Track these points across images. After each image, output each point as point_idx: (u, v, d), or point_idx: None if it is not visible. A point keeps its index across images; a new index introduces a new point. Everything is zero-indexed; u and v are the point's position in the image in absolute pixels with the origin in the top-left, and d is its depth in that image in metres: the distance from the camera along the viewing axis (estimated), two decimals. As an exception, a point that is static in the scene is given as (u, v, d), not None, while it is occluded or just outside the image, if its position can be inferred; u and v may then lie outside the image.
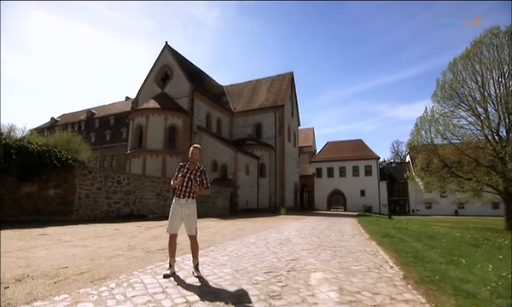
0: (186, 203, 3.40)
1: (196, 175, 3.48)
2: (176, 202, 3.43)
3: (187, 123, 24.30)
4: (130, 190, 12.41)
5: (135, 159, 22.61)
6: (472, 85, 14.12)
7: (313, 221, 15.76)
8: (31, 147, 8.50)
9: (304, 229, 10.53)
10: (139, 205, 12.81)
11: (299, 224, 12.93)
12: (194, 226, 3.45)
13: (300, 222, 14.70)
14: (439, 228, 12.26)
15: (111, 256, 4.42)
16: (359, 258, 4.97)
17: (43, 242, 5.25)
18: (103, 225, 8.93)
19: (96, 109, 43.91)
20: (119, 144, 34.28)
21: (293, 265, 4.30)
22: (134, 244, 5.76)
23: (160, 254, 4.77)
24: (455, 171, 14.10)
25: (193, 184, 3.45)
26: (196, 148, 3.53)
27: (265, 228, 10.45)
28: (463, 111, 14.55)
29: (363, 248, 6.19)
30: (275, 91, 32.82)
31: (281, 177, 29.30)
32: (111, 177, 11.53)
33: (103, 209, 10.87)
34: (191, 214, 3.42)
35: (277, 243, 6.79)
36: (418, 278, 3.43)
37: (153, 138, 22.68)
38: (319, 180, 42.65)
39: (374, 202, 38.02)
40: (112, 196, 11.38)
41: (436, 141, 15.21)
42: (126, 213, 12.02)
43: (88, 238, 6.18)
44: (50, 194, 9.30)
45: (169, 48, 27.79)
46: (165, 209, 14.31)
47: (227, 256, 4.94)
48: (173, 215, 3.41)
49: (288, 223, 14.08)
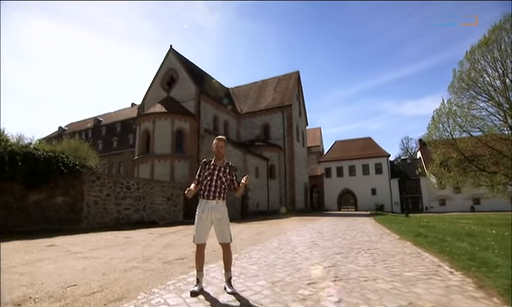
0: (217, 205, 2.85)
1: (225, 172, 2.92)
2: (203, 205, 2.86)
3: (194, 126, 23.92)
4: (140, 196, 11.95)
5: (143, 165, 22.25)
6: (492, 74, 13.36)
7: (329, 222, 15.29)
8: (37, 153, 8.07)
9: (324, 231, 10.08)
10: (149, 211, 12.33)
11: (317, 226, 12.45)
12: (227, 232, 2.89)
13: (316, 223, 14.19)
14: (464, 225, 11.50)
15: (125, 269, 3.86)
16: (405, 262, 4.35)
17: (50, 254, 4.73)
18: (114, 233, 8.43)
19: (102, 117, 43.92)
20: (126, 150, 34.05)
21: (335, 273, 3.71)
22: (149, 254, 5.22)
23: (180, 265, 4.20)
24: (478, 165, 13.31)
25: (223, 183, 2.89)
26: (221, 140, 2.95)
27: (283, 231, 9.94)
28: (483, 101, 13.80)
29: (400, 249, 5.58)
30: (281, 91, 32.34)
31: (291, 178, 28.67)
32: (120, 183, 11.08)
33: (113, 216, 10.41)
34: (223, 218, 2.86)
35: (304, 247, 6.21)
36: (501, 289, 2.79)
37: (160, 143, 22.31)
38: (329, 180, 41.84)
39: (385, 200, 37.03)
40: (121, 202, 10.92)
41: (455, 135, 14.44)
42: (137, 220, 11.54)
43: (99, 248, 5.66)
44: (59, 202, 8.86)
45: (174, 51, 27.52)
46: (176, 215, 13.89)
47: (256, 264, 4.35)
48: (201, 221, 2.84)
49: (305, 224, 13.62)
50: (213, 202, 2.82)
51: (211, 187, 2.84)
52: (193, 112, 24.38)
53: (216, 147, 2.93)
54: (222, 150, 2.92)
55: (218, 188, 2.84)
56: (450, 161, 14.67)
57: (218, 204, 2.83)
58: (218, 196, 2.83)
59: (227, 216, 2.90)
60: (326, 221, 16.00)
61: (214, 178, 2.85)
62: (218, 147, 2.91)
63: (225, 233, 2.87)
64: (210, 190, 2.84)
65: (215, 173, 2.87)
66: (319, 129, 56.65)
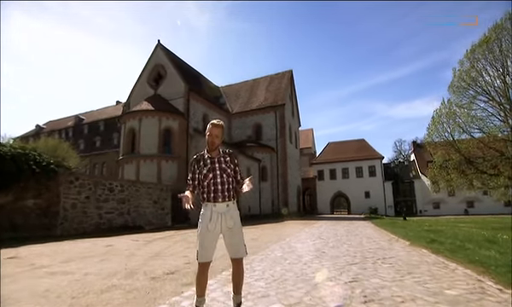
0: (228, 209, 2.22)
1: (227, 161, 2.29)
2: (209, 210, 2.22)
3: (183, 125, 23.17)
4: (125, 198, 11.15)
5: (127, 166, 21.30)
6: (493, 73, 13.27)
7: (326, 226, 15.00)
8: (3, 149, 7.15)
9: (325, 236, 9.68)
10: (134, 214, 11.52)
11: (315, 230, 12.08)
12: (241, 243, 2.26)
13: (313, 227, 13.85)
14: (468, 229, 11.28)
15: (102, 289, 3.15)
16: (435, 275, 3.83)
17: (9, 270, 3.94)
18: (93, 240, 7.61)
19: (84, 115, 42.24)
20: (109, 151, 32.74)
21: (361, 291, 3.13)
22: (133, 266, 4.50)
23: (171, 282, 3.52)
24: (479, 167, 13.15)
25: (230, 176, 2.27)
26: (218, 127, 2.30)
27: (281, 237, 9.41)
28: (483, 102, 13.71)
29: (420, 258, 5.09)
30: (274, 90, 31.98)
31: (283, 181, 28.19)
32: (102, 184, 10.24)
33: (93, 221, 9.55)
34: (236, 226, 2.24)
35: (312, 256, 5.64)
36: None
37: (146, 142, 21.44)
38: (321, 182, 41.64)
39: (379, 204, 37.09)
40: (103, 206, 10.08)
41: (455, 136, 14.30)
42: (120, 225, 10.74)
43: (72, 260, 4.88)
44: (29, 205, 7.95)
45: (161, 46, 26.66)
46: (163, 219, 13.19)
47: (262, 279, 3.72)
48: (207, 232, 2.20)
49: (302, 228, 13.24)
50: (223, 205, 2.21)
51: (217, 185, 2.22)
52: (181, 111, 23.66)
53: (209, 136, 2.30)
54: (217, 140, 2.29)
55: (227, 185, 2.23)
56: (449, 163, 14.50)
57: (230, 207, 2.22)
58: (228, 196, 2.22)
59: (240, 221, 2.28)
60: (322, 225, 15.76)
61: (218, 173, 2.23)
62: (212, 136, 2.28)
63: (239, 245, 2.25)
64: (217, 190, 2.21)
65: (217, 166, 2.25)
66: (311, 130, 56.66)
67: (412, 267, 4.39)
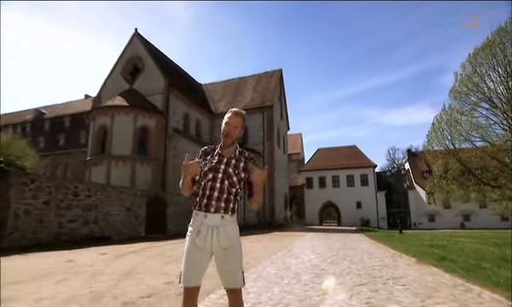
0: (222, 223, 1.86)
1: (238, 166, 1.95)
2: (199, 222, 1.88)
3: (161, 124, 22.57)
4: (91, 204, 10.46)
5: (96, 168, 20.41)
6: (496, 79, 13.60)
7: (318, 238, 14.96)
8: None
9: (320, 250, 9.56)
10: (103, 223, 10.85)
11: (307, 244, 11.95)
12: (239, 269, 1.88)
13: (304, 240, 13.76)
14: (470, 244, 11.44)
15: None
16: (462, 301, 3.58)
17: None
18: (50, 254, 6.92)
19: (46, 109, 40.14)
20: (75, 150, 31.23)
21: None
22: (100, 287, 3.97)
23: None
24: (481, 178, 13.38)
25: (234, 184, 1.91)
26: (238, 115, 2.01)
27: (272, 251, 9.15)
28: (485, 109, 14.03)
29: (434, 279, 4.88)
30: (262, 90, 31.84)
31: (270, 188, 27.89)
32: (64, 188, 9.51)
33: (52, 230, 8.81)
34: (232, 246, 1.87)
35: (311, 275, 5.34)
36: None
37: (119, 142, 20.64)
38: (310, 191, 41.72)
39: (371, 215, 37.55)
40: (65, 213, 9.35)
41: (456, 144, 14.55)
42: (85, 235, 10.05)
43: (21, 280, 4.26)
44: (-29, 212, 7.12)
45: (139, 36, 25.91)
46: (136, 228, 12.60)
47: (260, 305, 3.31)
48: (194, 249, 1.85)
49: (292, 241, 13.17)
50: (216, 217, 1.85)
51: (214, 190, 1.86)
52: (160, 108, 23.07)
53: (226, 126, 1.97)
54: (235, 132, 1.96)
55: (226, 193, 1.88)
56: (449, 173, 14.71)
57: (225, 220, 1.86)
58: (224, 207, 1.86)
59: (239, 241, 1.92)
60: (314, 237, 15.72)
61: (219, 176, 1.89)
62: (229, 126, 1.96)
63: (235, 272, 1.87)
64: (211, 196, 1.86)
65: (221, 168, 1.91)
66: (300, 135, 56.94)
67: (431, 290, 4.13)
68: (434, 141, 15.15)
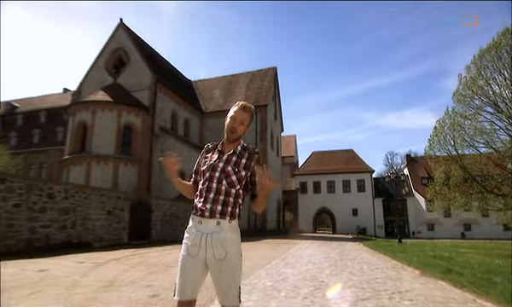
0: (218, 230, 1.74)
1: (240, 163, 1.83)
2: (193, 228, 1.78)
3: (147, 122, 22.45)
4: (69, 208, 10.16)
5: (75, 168, 20.12)
6: (501, 82, 13.81)
7: (313, 247, 15.06)
8: None
9: (317, 260, 9.57)
10: (81, 228, 10.55)
11: (303, 253, 11.99)
12: (233, 286, 1.74)
13: (298, 249, 13.77)
14: (473, 255, 11.54)
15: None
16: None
17: None
18: (20, 263, 6.60)
19: (19, 102, 39.08)
20: (51, 148, 30.52)
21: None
22: (77, 302, 3.75)
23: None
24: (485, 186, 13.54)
25: (234, 184, 1.80)
26: (246, 109, 1.90)
27: (266, 260, 9.06)
28: (490, 113, 14.24)
29: (443, 294, 4.80)
30: (255, 89, 31.97)
31: (263, 193, 27.81)
32: (38, 189, 9.18)
33: (23, 236, 8.47)
34: (230, 258, 1.72)
35: (310, 287, 5.23)
36: None
37: (101, 140, 20.42)
38: (303, 196, 41.77)
39: (368, 223, 37.81)
40: (38, 217, 9.02)
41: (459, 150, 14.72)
42: (61, 241, 9.76)
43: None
44: None
45: (124, 27, 25.62)
46: (118, 234, 12.35)
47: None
48: (188, 258, 1.74)
49: (287, 249, 13.10)
50: (211, 223, 1.73)
51: (209, 191, 1.77)
52: (146, 105, 22.98)
53: (232, 120, 1.87)
54: (241, 128, 1.87)
55: (223, 195, 1.76)
56: (451, 180, 14.85)
57: (222, 227, 1.74)
58: (221, 211, 1.75)
59: (238, 252, 1.77)
60: (309, 245, 15.76)
61: (217, 175, 1.79)
62: (235, 121, 1.86)
63: (230, 287, 1.73)
64: (207, 198, 1.76)
65: (219, 166, 1.80)
66: (294, 137, 57.08)
67: (440, 306, 4.03)
68: (436, 146, 15.30)
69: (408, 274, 6.91)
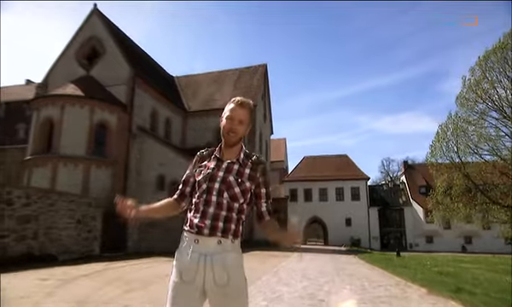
0: (219, 250, 1.62)
1: (243, 173, 1.72)
2: (188, 248, 1.65)
3: (124, 120, 22.01)
4: (31, 215, 9.81)
5: (39, 169, 19.48)
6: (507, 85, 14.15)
7: (306, 260, 15.06)
8: None
9: (311, 274, 9.59)
10: (45, 239, 10.23)
11: (294, 266, 12.03)
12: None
13: (290, 261, 13.76)
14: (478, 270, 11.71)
15: None
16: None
17: None
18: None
19: (-28, 94, 37.58)
20: (11, 146, 29.30)
21: None
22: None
23: None
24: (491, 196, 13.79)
25: (236, 198, 1.69)
26: (244, 106, 1.78)
27: (256, 275, 8.94)
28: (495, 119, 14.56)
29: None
30: (244, 87, 31.93)
31: (249, 200, 27.78)
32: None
33: (-25, 248, 7.98)
34: (232, 285, 1.60)
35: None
36: None
37: (70, 139, 19.83)
38: (294, 204, 41.68)
39: (362, 234, 38.09)
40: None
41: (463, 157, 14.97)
42: (20, 254, 9.37)
43: None
44: None
45: (99, 14, 25.07)
46: (89, 245, 12.14)
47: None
48: (181, 283, 1.61)
49: (278, 263, 13.04)
50: (211, 242, 1.61)
51: (207, 205, 1.64)
52: (123, 102, 22.44)
53: (229, 120, 1.74)
54: (240, 129, 1.74)
55: (225, 210, 1.64)
56: (453, 190, 15.06)
57: (224, 247, 1.62)
58: (222, 229, 1.63)
59: (243, 277, 1.65)
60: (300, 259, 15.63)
61: (217, 187, 1.66)
62: (233, 121, 1.74)
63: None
64: (205, 213, 1.63)
65: (218, 175, 1.68)
66: (284, 140, 57.31)
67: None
68: (439, 152, 15.60)
69: (414, 292, 6.86)
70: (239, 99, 1.79)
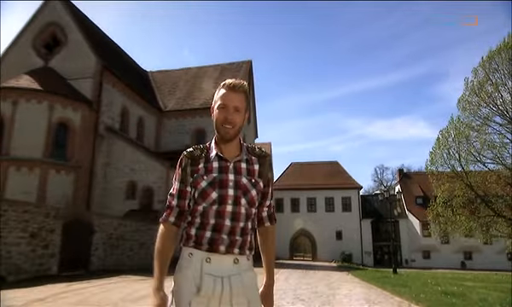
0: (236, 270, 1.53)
1: (253, 172, 1.66)
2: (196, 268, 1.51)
3: (89, 119, 21.52)
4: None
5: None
6: (511, 89, 14.49)
7: (294, 277, 15.35)
8: None
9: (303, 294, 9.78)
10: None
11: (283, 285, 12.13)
12: None
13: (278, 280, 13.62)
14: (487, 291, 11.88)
15: None
16: None
17: None
18: None
19: None
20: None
21: None
22: None
23: None
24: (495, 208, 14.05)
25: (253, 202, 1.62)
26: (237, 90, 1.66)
27: None
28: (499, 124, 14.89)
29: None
30: (226, 85, 31.71)
31: (230, 210, 27.68)
32: None
33: None
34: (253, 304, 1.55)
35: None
36: None
37: (24, 139, 19.15)
38: (280, 216, 41.49)
39: (354, 248, 38.32)
40: None
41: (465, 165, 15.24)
42: None
43: None
44: None
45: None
46: (45, 263, 11.78)
47: None
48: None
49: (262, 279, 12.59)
50: (227, 261, 1.53)
51: (222, 218, 1.52)
52: (89, 98, 21.91)
53: (223, 110, 1.62)
54: (237, 118, 1.63)
55: (244, 222, 1.56)
56: (455, 201, 15.27)
57: (240, 266, 1.55)
58: (240, 244, 1.55)
59: (259, 302, 1.58)
60: (288, 276, 15.98)
61: (230, 193, 1.55)
62: (227, 109, 1.62)
63: None
64: (222, 227, 1.52)
65: (231, 179, 1.58)
66: (269, 144, 57.33)
67: None
68: (439, 160, 15.88)
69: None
70: (230, 82, 1.65)
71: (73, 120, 20.61)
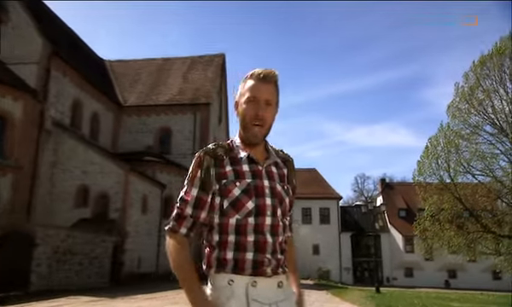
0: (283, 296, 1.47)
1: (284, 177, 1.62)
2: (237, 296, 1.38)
3: (32, 112, 20.60)
4: None
5: None
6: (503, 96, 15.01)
7: None
8: None
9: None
10: None
11: None
12: None
13: None
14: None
15: None
16: None
17: None
18: None
19: None
20: None
21: None
22: None
23: None
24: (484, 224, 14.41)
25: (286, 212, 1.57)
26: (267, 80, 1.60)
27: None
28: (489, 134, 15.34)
29: None
30: (196, 80, 32.31)
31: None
32: None
33: None
34: None
35: None
36: None
37: None
38: (248, 228, 41.81)
39: (332, 264, 38.81)
40: None
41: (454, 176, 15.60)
42: None
43: None
44: None
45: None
46: None
47: None
48: None
49: None
50: (272, 285, 1.46)
51: (262, 233, 1.46)
52: (33, 87, 21.00)
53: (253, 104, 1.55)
54: (270, 112, 1.60)
55: (281, 235, 1.52)
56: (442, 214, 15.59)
57: (285, 289, 1.51)
58: (282, 262, 1.51)
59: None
60: None
61: (268, 202, 1.49)
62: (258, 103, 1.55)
63: None
64: (265, 245, 1.45)
65: (265, 185, 1.51)
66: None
67: None
68: (427, 170, 16.17)
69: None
70: (260, 71, 1.59)
71: (13, 112, 19.68)
